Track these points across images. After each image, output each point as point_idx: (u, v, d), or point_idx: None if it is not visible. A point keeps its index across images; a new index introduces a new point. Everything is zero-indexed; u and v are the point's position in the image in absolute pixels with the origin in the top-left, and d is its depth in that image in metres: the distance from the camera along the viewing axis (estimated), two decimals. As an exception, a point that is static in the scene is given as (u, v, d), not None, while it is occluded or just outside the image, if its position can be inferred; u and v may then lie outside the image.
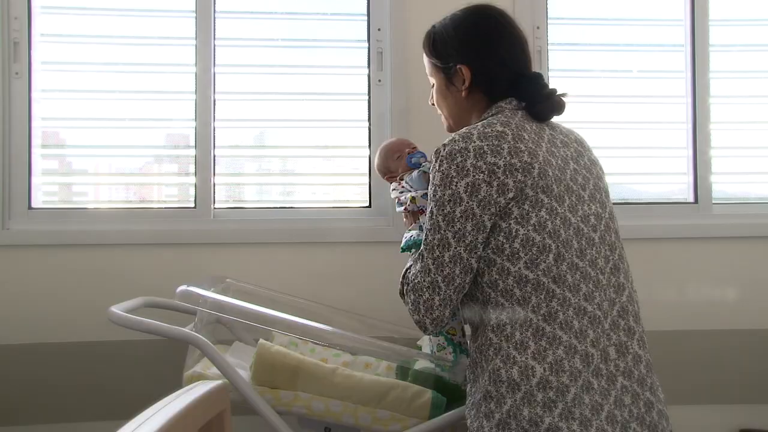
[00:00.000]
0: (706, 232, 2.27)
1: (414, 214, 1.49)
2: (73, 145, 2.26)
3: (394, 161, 1.65)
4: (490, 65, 1.32)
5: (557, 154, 1.23)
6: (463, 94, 1.34)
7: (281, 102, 2.26)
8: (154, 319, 1.51)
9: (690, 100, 2.34)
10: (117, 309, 1.52)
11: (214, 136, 2.20)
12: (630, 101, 2.35)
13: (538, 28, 2.27)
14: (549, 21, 2.30)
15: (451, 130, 1.41)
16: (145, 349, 2.03)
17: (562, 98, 1.32)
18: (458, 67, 1.33)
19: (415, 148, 1.66)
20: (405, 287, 1.24)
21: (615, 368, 1.16)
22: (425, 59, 1.43)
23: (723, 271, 2.27)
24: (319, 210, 2.25)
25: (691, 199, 2.34)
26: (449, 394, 1.57)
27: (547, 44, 2.29)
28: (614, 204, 2.28)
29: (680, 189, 2.37)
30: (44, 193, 2.20)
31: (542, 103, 1.29)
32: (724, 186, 2.38)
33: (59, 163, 2.27)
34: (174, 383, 1.51)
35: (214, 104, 2.20)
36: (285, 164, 2.34)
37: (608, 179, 2.32)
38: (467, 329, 1.57)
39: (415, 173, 1.54)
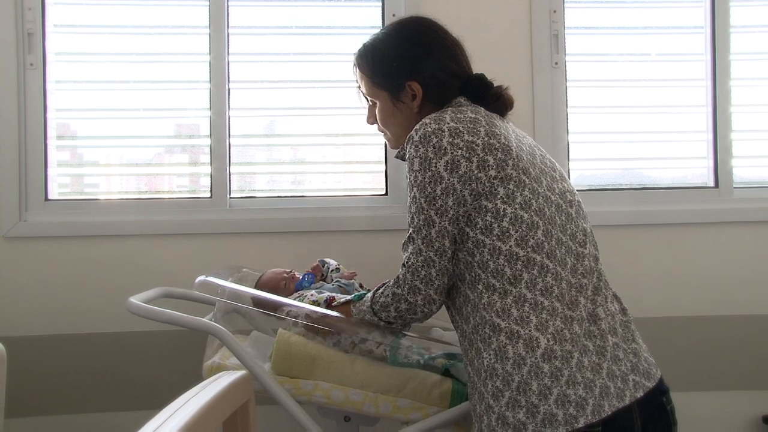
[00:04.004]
0: (727, 217, 2.24)
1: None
2: (84, 136, 2.25)
3: (283, 290, 1.71)
4: (438, 75, 1.35)
5: (523, 142, 1.29)
6: (415, 109, 1.36)
7: (295, 90, 2.25)
8: (169, 310, 1.50)
9: (710, 82, 2.30)
10: (136, 299, 1.51)
11: (229, 126, 2.19)
12: (648, 85, 2.32)
13: (554, 11, 2.24)
14: (566, 4, 2.27)
15: (397, 147, 1.43)
16: (161, 339, 2.05)
17: (509, 93, 1.37)
18: (408, 83, 1.35)
19: (291, 274, 1.73)
20: (387, 293, 1.30)
21: (606, 326, 1.20)
22: (361, 79, 1.43)
23: (744, 255, 2.24)
24: (336, 198, 2.24)
25: (711, 183, 2.31)
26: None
27: (564, 28, 2.26)
28: (634, 189, 2.30)
29: (700, 174, 2.34)
30: (59, 185, 2.20)
31: (493, 102, 1.34)
32: (745, 170, 2.34)
33: (71, 155, 2.26)
34: (191, 373, 1.52)
35: (229, 93, 2.19)
36: (298, 153, 2.33)
37: (627, 164, 2.34)
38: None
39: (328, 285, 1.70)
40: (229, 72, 2.19)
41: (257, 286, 1.77)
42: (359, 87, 1.48)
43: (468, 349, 1.23)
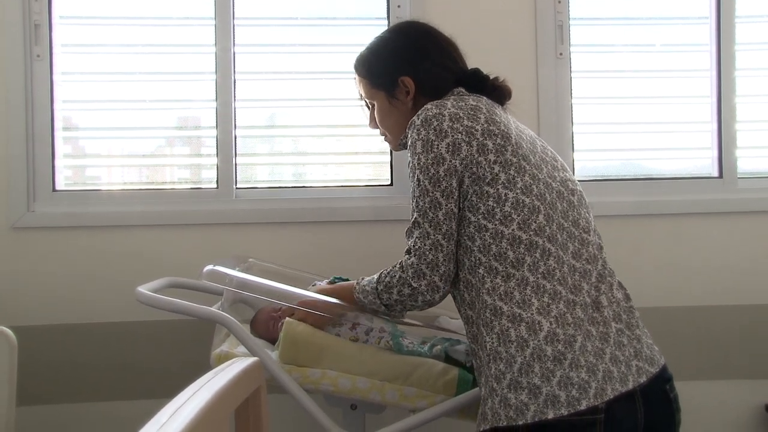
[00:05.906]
0: (732, 207, 2.25)
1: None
2: (87, 127, 2.26)
3: (272, 330, 1.66)
4: (432, 69, 1.38)
5: (524, 132, 1.32)
6: (410, 105, 1.38)
7: (300, 81, 2.25)
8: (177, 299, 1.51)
9: (715, 73, 2.30)
10: (144, 289, 1.53)
11: (234, 117, 2.19)
12: (653, 76, 2.31)
13: (559, 2, 2.23)
14: (571, -5, 2.26)
15: (397, 148, 1.48)
16: (168, 329, 2.06)
17: (506, 84, 1.39)
18: (400, 79, 1.39)
19: (279, 313, 1.69)
20: (395, 273, 1.30)
21: (609, 313, 1.21)
22: (359, 83, 1.48)
23: (748, 246, 2.25)
24: (342, 189, 2.25)
25: (715, 174, 2.32)
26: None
27: (569, 18, 2.25)
28: (638, 180, 2.31)
29: (704, 164, 2.34)
30: (66, 176, 2.21)
31: (491, 94, 1.36)
32: (750, 161, 2.34)
33: (72, 147, 2.26)
34: (198, 362, 1.53)
35: (235, 84, 2.19)
36: (300, 144, 2.33)
37: (631, 155, 2.34)
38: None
39: None
40: (235, 63, 2.19)
41: (253, 325, 1.75)
42: (361, 96, 1.52)
43: (476, 334, 1.25)
